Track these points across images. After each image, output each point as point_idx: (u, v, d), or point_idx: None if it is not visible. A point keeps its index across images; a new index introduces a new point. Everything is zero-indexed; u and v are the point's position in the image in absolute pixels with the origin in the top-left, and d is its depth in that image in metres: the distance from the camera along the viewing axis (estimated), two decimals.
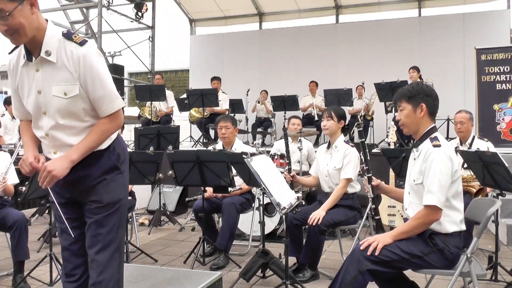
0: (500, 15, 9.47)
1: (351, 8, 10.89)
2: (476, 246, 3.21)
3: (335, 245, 4.49)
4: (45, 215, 6.08)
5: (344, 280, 2.21)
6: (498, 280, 3.48)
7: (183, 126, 7.04)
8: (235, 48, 11.10)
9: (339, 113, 3.68)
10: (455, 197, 2.30)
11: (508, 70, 7.00)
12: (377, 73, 8.80)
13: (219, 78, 8.57)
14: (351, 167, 3.56)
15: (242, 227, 4.68)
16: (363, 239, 2.31)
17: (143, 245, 4.66)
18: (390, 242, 2.26)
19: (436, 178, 2.22)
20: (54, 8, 9.07)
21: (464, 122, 4.42)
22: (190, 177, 3.91)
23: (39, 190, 3.36)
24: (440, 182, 2.22)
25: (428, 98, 2.37)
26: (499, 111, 7.02)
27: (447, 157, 2.25)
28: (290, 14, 11.38)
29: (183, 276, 2.76)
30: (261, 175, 2.80)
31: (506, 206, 5.05)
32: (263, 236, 3.49)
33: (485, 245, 4.48)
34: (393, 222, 4.88)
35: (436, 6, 10.51)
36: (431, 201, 2.22)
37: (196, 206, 4.18)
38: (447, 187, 2.24)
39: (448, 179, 2.24)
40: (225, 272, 3.76)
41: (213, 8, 11.34)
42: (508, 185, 3.38)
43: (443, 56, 9.49)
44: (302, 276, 3.49)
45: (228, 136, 4.34)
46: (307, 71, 10.08)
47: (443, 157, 2.24)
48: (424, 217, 2.25)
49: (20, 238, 3.38)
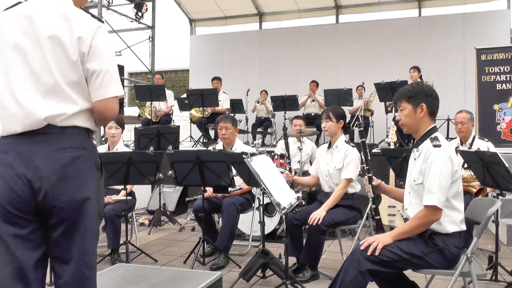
0: (500, 15, 9.47)
1: (351, 8, 10.89)
2: (476, 246, 3.21)
3: (335, 245, 4.49)
4: None
5: (344, 280, 2.21)
6: (498, 280, 3.48)
7: (183, 126, 7.05)
8: (235, 48, 11.10)
9: (337, 113, 3.67)
10: (455, 197, 2.31)
11: (508, 70, 7.00)
12: (377, 73, 8.81)
13: (220, 78, 8.58)
14: (352, 167, 3.55)
15: (242, 227, 4.68)
16: (363, 239, 2.31)
17: (143, 245, 4.66)
18: (390, 242, 2.26)
19: (436, 178, 2.22)
20: None
21: (464, 122, 4.43)
22: (190, 177, 3.91)
23: None
24: (440, 182, 2.22)
25: (428, 98, 2.37)
26: (499, 111, 7.02)
27: (447, 157, 2.25)
28: (290, 14, 11.37)
29: (183, 276, 2.76)
30: (261, 175, 2.80)
31: (506, 206, 5.05)
32: (263, 236, 3.49)
33: (485, 245, 4.48)
34: (393, 222, 4.88)
35: (436, 6, 10.51)
36: (431, 201, 2.22)
37: (196, 206, 4.17)
38: (447, 187, 2.24)
39: (448, 179, 2.24)
40: (225, 272, 3.76)
41: (213, 8, 11.33)
42: (508, 185, 3.37)
43: (443, 56, 9.49)
44: (302, 276, 3.49)
45: (228, 137, 4.34)
46: (307, 71, 10.08)
47: (443, 157, 2.24)
48: (425, 217, 2.25)
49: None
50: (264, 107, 9.21)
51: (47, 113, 1.62)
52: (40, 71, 1.64)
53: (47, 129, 1.64)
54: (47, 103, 1.64)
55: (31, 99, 1.64)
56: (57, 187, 1.62)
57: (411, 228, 2.29)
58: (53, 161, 1.62)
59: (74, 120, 1.68)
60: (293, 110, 8.33)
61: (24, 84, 1.65)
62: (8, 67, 1.66)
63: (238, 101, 8.82)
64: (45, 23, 1.65)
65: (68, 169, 1.63)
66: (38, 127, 1.63)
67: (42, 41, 1.64)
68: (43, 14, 1.67)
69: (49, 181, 1.61)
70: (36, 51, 1.65)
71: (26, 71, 1.65)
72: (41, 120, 1.62)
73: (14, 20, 1.68)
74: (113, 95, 1.72)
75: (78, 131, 1.70)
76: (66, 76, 1.66)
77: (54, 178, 1.61)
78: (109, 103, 1.72)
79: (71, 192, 1.63)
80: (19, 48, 1.66)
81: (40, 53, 1.64)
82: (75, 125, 1.69)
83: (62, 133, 1.66)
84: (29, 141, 1.63)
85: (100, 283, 2.63)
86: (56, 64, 1.64)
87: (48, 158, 1.62)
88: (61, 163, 1.63)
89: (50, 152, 1.63)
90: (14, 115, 1.64)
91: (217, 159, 3.81)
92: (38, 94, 1.64)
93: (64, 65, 1.65)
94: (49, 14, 1.67)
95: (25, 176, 1.60)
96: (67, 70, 1.66)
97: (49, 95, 1.65)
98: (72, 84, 1.67)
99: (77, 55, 1.65)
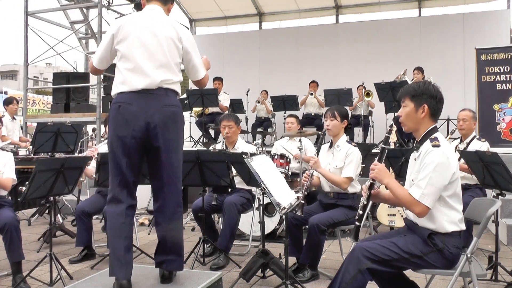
0: (500, 15, 9.46)
1: (351, 8, 10.89)
2: (476, 246, 3.21)
3: (335, 245, 4.49)
4: (45, 215, 6.08)
5: (344, 279, 2.21)
6: (498, 280, 3.48)
7: None
8: (235, 48, 11.10)
9: (342, 113, 3.67)
10: (452, 197, 2.29)
11: (508, 70, 7.00)
12: (377, 73, 8.80)
13: (221, 78, 8.58)
14: (353, 166, 3.55)
15: (242, 227, 4.68)
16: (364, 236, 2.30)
17: (143, 245, 4.66)
18: (383, 181, 2.33)
19: (428, 176, 2.21)
20: (54, 8, 9.05)
21: (466, 119, 4.44)
22: (190, 177, 3.91)
23: (39, 190, 3.35)
24: (431, 180, 2.20)
25: (432, 100, 2.34)
26: (499, 111, 7.02)
27: (445, 157, 2.23)
28: (290, 14, 11.37)
29: (183, 276, 2.76)
30: (261, 175, 2.80)
31: (506, 206, 5.05)
32: (263, 236, 3.49)
33: (485, 245, 4.48)
34: (393, 222, 4.87)
35: (436, 6, 10.51)
36: (414, 194, 2.23)
37: (195, 206, 4.17)
38: (438, 187, 2.21)
39: (441, 180, 2.22)
40: (225, 272, 3.76)
41: (213, 8, 11.33)
42: (508, 185, 3.38)
43: (443, 56, 9.48)
44: (302, 276, 3.50)
45: (231, 136, 4.34)
46: (307, 71, 10.07)
47: (440, 157, 2.23)
48: (409, 201, 2.25)
49: (12, 240, 3.34)
50: (265, 107, 9.22)
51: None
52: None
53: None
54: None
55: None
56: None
57: (399, 195, 2.29)
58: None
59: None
60: (293, 110, 8.33)
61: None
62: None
63: (238, 101, 8.82)
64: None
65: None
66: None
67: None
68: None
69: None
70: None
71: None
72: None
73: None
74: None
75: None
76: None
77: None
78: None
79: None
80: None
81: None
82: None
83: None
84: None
85: (100, 283, 2.63)
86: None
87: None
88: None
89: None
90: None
91: (217, 159, 3.82)
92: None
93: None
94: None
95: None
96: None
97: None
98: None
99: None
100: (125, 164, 2.55)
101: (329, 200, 3.65)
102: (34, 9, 8.88)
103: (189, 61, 2.74)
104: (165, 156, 2.60)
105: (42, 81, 26.45)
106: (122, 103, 2.57)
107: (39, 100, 22.39)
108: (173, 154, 2.62)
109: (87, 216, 4.10)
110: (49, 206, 3.91)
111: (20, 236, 3.43)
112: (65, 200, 6.37)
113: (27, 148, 6.50)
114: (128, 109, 2.54)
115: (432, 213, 2.26)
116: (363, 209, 2.39)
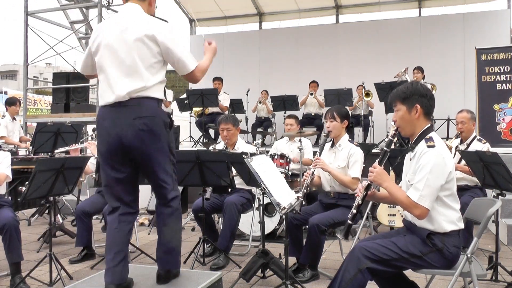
0: (500, 15, 9.46)
1: (351, 8, 10.89)
2: (476, 246, 3.21)
3: (335, 245, 4.49)
4: (45, 215, 6.08)
5: (344, 278, 2.22)
6: (499, 280, 3.47)
7: (183, 126, 7.05)
8: (235, 48, 11.09)
9: (341, 113, 3.66)
10: (448, 196, 2.29)
11: (508, 70, 7.00)
12: (377, 73, 8.79)
13: (221, 78, 8.57)
14: (358, 166, 3.55)
15: (242, 227, 4.68)
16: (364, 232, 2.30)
17: (143, 245, 4.66)
18: (382, 185, 2.32)
19: (425, 177, 2.21)
20: (54, 8, 9.05)
21: (465, 122, 4.41)
22: (190, 177, 3.91)
23: (39, 190, 3.35)
24: (428, 181, 2.20)
25: (423, 98, 2.35)
26: (499, 111, 7.02)
27: (441, 158, 2.23)
28: (290, 14, 11.37)
29: (183, 276, 2.76)
30: (261, 175, 2.80)
31: (506, 206, 5.05)
32: (263, 236, 3.49)
33: (485, 245, 4.48)
34: (393, 222, 4.86)
35: (436, 6, 10.52)
36: (412, 196, 2.23)
37: (195, 206, 4.17)
38: (435, 187, 2.22)
39: (438, 180, 2.22)
40: (225, 272, 3.76)
41: (213, 8, 11.32)
42: (508, 185, 3.38)
43: (443, 56, 9.48)
44: (302, 276, 3.49)
45: (230, 138, 4.36)
46: (307, 71, 10.07)
47: (436, 157, 2.23)
48: (408, 204, 2.25)
49: (12, 240, 3.34)
50: (265, 106, 9.22)
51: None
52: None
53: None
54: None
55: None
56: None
57: (398, 197, 2.29)
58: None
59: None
60: (293, 110, 8.32)
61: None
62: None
63: (238, 101, 8.82)
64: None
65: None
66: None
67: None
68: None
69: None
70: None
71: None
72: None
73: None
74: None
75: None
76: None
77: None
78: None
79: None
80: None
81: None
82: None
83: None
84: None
85: (100, 283, 2.63)
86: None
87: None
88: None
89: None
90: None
91: (217, 159, 3.81)
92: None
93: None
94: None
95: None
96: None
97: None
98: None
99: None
100: (112, 180, 2.56)
101: (330, 200, 3.65)
102: (34, 9, 8.89)
103: (172, 56, 2.56)
104: (148, 168, 2.58)
105: (42, 81, 26.48)
106: (99, 118, 2.56)
107: (40, 100, 22.39)
108: (156, 164, 2.57)
109: (87, 216, 4.09)
110: (49, 206, 3.91)
111: (20, 237, 3.43)
112: (65, 200, 6.37)
113: (27, 148, 6.50)
114: (102, 125, 2.52)
115: (430, 214, 2.26)
116: (357, 209, 2.41)
